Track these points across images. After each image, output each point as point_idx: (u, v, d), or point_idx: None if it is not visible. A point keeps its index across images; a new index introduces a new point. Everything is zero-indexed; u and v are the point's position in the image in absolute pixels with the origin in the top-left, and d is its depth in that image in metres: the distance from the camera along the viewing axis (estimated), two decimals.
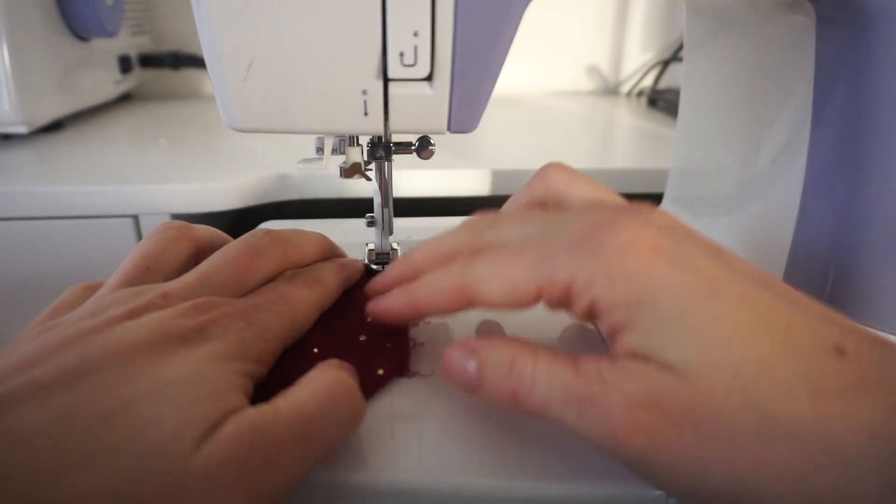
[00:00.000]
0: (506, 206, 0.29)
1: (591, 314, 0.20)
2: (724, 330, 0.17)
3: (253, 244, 0.26)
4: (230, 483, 0.17)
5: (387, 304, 0.24)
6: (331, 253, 0.31)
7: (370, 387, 0.24)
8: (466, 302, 0.22)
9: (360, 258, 0.35)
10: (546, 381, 0.19)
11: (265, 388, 0.22)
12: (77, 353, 0.18)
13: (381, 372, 0.25)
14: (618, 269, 0.19)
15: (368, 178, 0.33)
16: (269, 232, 0.28)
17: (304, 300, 0.25)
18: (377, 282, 0.26)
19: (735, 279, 0.19)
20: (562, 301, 0.20)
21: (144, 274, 0.24)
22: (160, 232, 0.26)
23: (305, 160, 0.32)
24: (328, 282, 0.28)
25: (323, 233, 0.31)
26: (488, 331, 0.29)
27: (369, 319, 0.27)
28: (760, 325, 0.18)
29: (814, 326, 0.18)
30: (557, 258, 0.20)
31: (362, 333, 0.27)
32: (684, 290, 0.18)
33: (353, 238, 0.41)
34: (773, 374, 0.17)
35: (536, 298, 0.21)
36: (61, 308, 0.24)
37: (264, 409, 0.19)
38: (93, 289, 0.24)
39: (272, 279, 0.26)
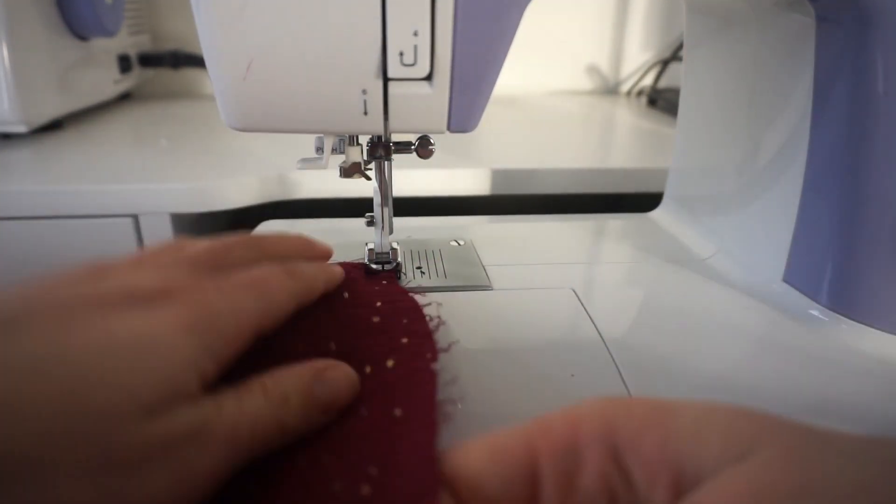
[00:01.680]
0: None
1: None
2: None
3: (228, 241, 0.25)
4: (158, 471, 0.16)
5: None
6: (309, 253, 0.30)
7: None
8: None
9: (360, 258, 0.35)
10: None
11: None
12: (25, 299, 0.17)
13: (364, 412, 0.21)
14: None
15: (368, 178, 0.33)
16: (252, 238, 0.27)
17: (282, 285, 0.24)
18: None
19: None
20: None
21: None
22: (159, 241, 0.26)
23: (305, 160, 0.32)
24: (308, 274, 0.26)
25: (323, 233, 0.31)
26: None
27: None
28: None
29: None
30: None
31: (362, 360, 0.24)
32: None
33: (353, 238, 0.41)
34: None
35: None
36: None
37: (207, 406, 0.17)
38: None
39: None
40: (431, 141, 0.32)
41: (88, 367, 0.15)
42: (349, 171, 0.32)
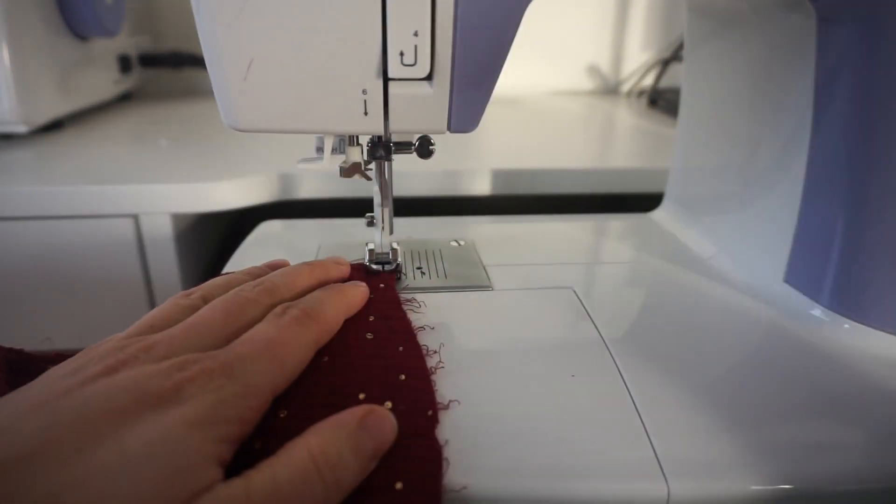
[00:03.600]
0: None
1: None
2: None
3: (242, 296, 0.26)
4: None
5: None
6: (325, 280, 0.30)
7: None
8: None
9: (360, 258, 0.35)
10: None
11: (262, 437, 0.21)
12: (41, 422, 0.18)
13: (399, 486, 0.20)
14: None
15: (368, 178, 0.33)
16: (259, 283, 0.27)
17: (294, 341, 0.24)
18: None
19: None
20: None
21: (146, 332, 0.24)
22: (173, 298, 0.26)
23: (305, 160, 0.32)
24: (324, 315, 0.26)
25: (323, 233, 0.30)
26: None
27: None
28: None
29: None
30: None
31: (361, 390, 0.24)
32: None
33: (353, 238, 0.41)
34: None
35: None
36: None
37: (236, 490, 0.17)
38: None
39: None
40: (432, 141, 0.32)
41: (103, 491, 0.16)
42: (349, 171, 0.32)
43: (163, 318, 0.25)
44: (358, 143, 0.32)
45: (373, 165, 0.33)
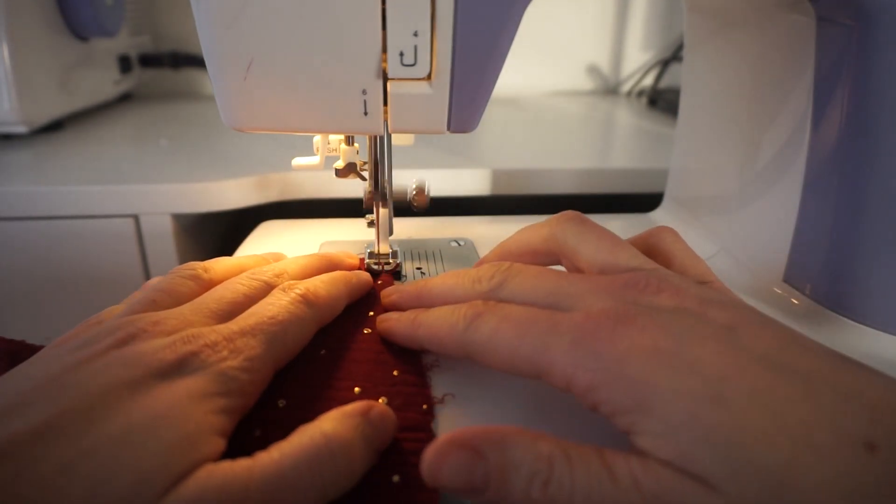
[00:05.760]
0: (512, 243, 0.28)
1: (593, 410, 0.20)
2: (737, 437, 0.17)
3: (252, 278, 0.26)
4: None
5: (391, 324, 0.26)
6: (336, 268, 0.31)
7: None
8: (465, 357, 0.23)
9: (359, 258, 0.35)
10: (585, 491, 0.17)
11: (262, 425, 0.21)
12: (54, 393, 0.18)
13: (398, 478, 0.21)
14: (617, 376, 0.19)
15: (364, 178, 0.33)
16: (270, 268, 0.28)
17: (296, 318, 0.24)
18: (391, 295, 0.28)
19: (746, 373, 0.18)
20: (561, 389, 0.20)
21: (149, 306, 0.24)
22: (176, 270, 0.27)
23: (301, 160, 0.32)
24: (327, 295, 0.27)
25: (323, 233, 0.31)
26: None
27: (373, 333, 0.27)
28: (777, 427, 0.17)
29: (837, 419, 0.17)
30: (557, 352, 0.20)
31: (356, 385, 0.24)
32: (688, 396, 0.17)
33: (353, 238, 0.41)
34: (802, 480, 0.16)
35: (534, 377, 0.21)
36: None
37: (238, 468, 0.18)
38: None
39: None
40: (427, 189, 0.33)
41: (108, 461, 0.17)
42: (344, 171, 0.32)
43: (165, 292, 0.25)
44: (353, 143, 0.32)
45: (367, 166, 0.33)
